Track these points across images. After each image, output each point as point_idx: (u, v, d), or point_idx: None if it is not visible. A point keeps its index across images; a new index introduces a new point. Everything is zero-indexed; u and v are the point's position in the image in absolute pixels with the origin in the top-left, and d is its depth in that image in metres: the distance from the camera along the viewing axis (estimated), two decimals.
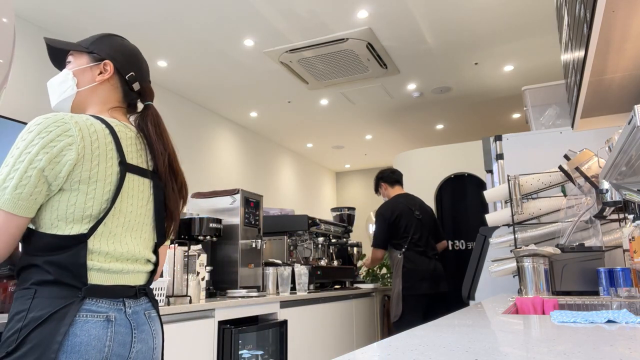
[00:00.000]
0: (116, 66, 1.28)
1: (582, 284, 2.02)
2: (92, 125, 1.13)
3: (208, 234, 2.78)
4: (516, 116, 6.09)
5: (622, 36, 1.30)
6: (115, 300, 1.13)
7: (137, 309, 1.19)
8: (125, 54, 1.31)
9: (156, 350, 1.23)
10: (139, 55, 1.36)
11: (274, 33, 3.97)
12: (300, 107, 5.70)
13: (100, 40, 1.31)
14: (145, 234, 1.25)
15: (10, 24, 1.61)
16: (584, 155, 2.17)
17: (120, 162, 1.16)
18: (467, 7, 3.67)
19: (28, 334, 1.01)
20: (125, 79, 1.29)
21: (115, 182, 1.14)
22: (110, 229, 1.14)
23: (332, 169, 8.90)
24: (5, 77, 1.54)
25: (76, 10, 3.60)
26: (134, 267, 1.20)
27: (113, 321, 1.11)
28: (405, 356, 0.75)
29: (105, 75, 1.27)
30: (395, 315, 3.53)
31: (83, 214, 1.09)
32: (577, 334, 0.94)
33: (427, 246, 3.69)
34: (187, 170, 1.39)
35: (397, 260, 3.61)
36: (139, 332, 1.17)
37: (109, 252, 1.13)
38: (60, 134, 1.07)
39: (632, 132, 1.13)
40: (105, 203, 1.13)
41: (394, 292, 3.61)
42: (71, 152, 1.07)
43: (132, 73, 1.30)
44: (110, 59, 1.28)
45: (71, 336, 1.03)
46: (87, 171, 1.09)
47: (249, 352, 2.62)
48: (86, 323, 1.06)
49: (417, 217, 3.71)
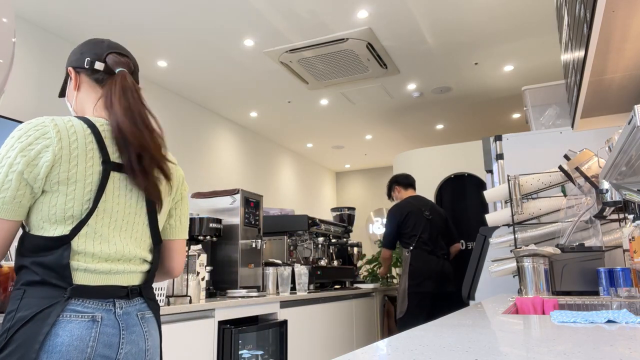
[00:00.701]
0: (74, 66, 1.29)
1: (582, 284, 2.02)
2: (72, 127, 1.13)
3: (208, 234, 2.78)
4: (516, 116, 6.09)
5: (622, 36, 1.30)
6: (104, 300, 1.12)
7: (129, 310, 1.17)
8: (77, 51, 1.31)
9: (149, 352, 1.20)
10: (92, 40, 1.33)
11: (274, 33, 3.97)
12: (300, 107, 5.70)
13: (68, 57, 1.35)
14: (137, 233, 1.22)
15: (10, 24, 1.61)
16: (584, 155, 2.17)
17: (104, 161, 1.15)
18: (467, 7, 3.67)
19: (14, 333, 1.02)
20: (87, 69, 1.28)
21: (97, 181, 1.13)
22: (95, 230, 1.13)
23: (332, 169, 8.90)
24: (5, 77, 1.54)
25: (76, 11, 3.60)
26: (125, 267, 1.17)
27: (99, 322, 1.09)
28: (405, 356, 0.75)
29: (74, 80, 1.29)
30: (401, 312, 3.63)
31: (65, 215, 1.10)
32: (577, 334, 0.94)
33: (436, 246, 3.73)
34: (187, 170, 1.37)
35: (405, 258, 3.71)
36: (129, 333, 1.15)
37: (95, 253, 1.13)
38: (39, 137, 1.09)
39: (632, 132, 1.13)
40: (87, 203, 1.12)
41: (400, 289, 3.70)
42: (47, 154, 1.08)
43: (87, 58, 1.27)
44: (69, 65, 1.31)
45: (53, 336, 1.03)
46: (65, 172, 1.10)
47: (249, 352, 2.62)
48: (69, 323, 1.06)
49: (426, 217, 3.78)
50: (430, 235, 3.72)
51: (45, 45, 3.85)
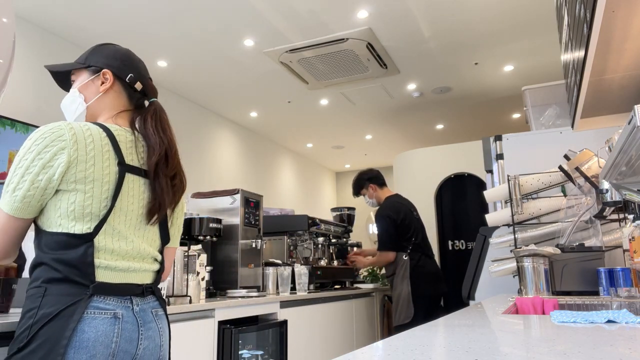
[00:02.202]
0: (114, 72, 1.33)
1: (582, 284, 2.02)
2: (89, 130, 1.18)
3: (208, 234, 2.78)
4: (516, 116, 6.09)
5: (622, 36, 1.30)
6: (122, 297, 1.17)
7: (144, 307, 1.22)
8: (119, 58, 1.36)
9: (163, 347, 1.26)
10: (133, 56, 1.40)
11: (274, 33, 3.97)
12: (300, 107, 5.70)
13: (94, 52, 1.37)
14: (149, 233, 1.28)
15: (11, 24, 1.61)
16: (584, 155, 2.17)
17: (119, 162, 1.20)
18: (467, 7, 3.67)
19: (38, 330, 1.05)
20: (126, 82, 1.34)
21: (114, 181, 1.18)
22: (114, 227, 1.18)
23: (332, 169, 8.90)
24: (5, 77, 1.54)
25: (76, 11, 3.60)
26: (140, 265, 1.23)
27: (120, 318, 1.14)
28: (405, 356, 0.75)
29: (107, 83, 1.32)
30: (407, 317, 3.39)
31: (83, 212, 1.14)
32: (577, 334, 0.94)
33: (428, 247, 3.69)
34: (187, 170, 1.40)
35: (403, 263, 3.50)
36: (146, 329, 1.20)
37: (115, 250, 1.17)
38: (54, 139, 1.13)
39: (632, 132, 1.13)
40: (105, 201, 1.16)
41: (400, 295, 3.47)
42: (63, 156, 1.12)
43: (130, 74, 1.35)
44: (107, 67, 1.33)
45: (79, 332, 1.07)
46: (82, 172, 1.14)
47: (249, 352, 2.62)
48: (94, 320, 1.10)
49: (416, 217, 3.70)
50: (423, 236, 3.65)
51: (45, 46, 3.85)
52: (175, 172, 1.33)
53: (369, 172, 3.90)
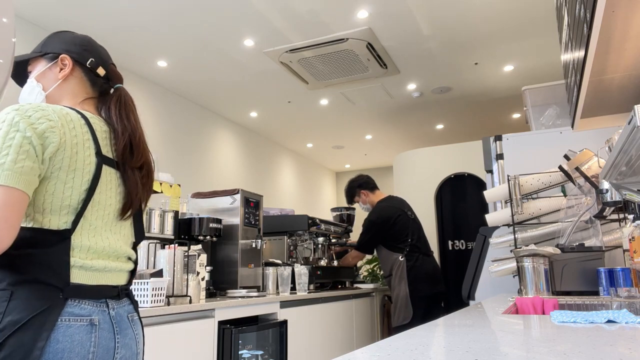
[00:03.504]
0: (73, 57, 1.24)
1: (582, 284, 2.02)
2: (68, 115, 1.09)
3: (208, 234, 2.78)
4: (516, 116, 6.09)
5: (622, 36, 1.30)
6: (97, 301, 1.07)
7: (120, 312, 1.13)
8: (78, 44, 1.27)
9: (139, 355, 1.18)
10: (93, 42, 1.32)
11: (274, 33, 3.97)
12: (300, 107, 5.70)
13: (50, 39, 1.28)
14: (124, 230, 1.20)
15: (10, 24, 1.61)
16: (584, 155, 2.17)
17: (97, 152, 1.12)
18: (467, 7, 3.67)
19: (5, 339, 0.93)
20: (87, 67, 1.25)
21: (93, 172, 1.09)
22: (90, 222, 1.09)
23: (332, 169, 8.90)
24: (5, 77, 1.54)
25: (76, 10, 3.60)
26: (115, 264, 1.14)
27: (97, 325, 1.05)
28: (405, 356, 0.75)
29: (66, 69, 1.23)
30: (405, 318, 3.42)
31: (61, 204, 1.04)
32: (577, 334, 0.94)
33: (426, 245, 3.69)
34: (187, 170, 1.38)
35: (399, 264, 3.53)
36: (122, 336, 1.11)
37: (91, 247, 1.07)
38: (41, 116, 1.02)
39: (632, 132, 1.13)
40: (84, 193, 1.07)
41: (398, 296, 3.50)
42: (54, 135, 1.02)
43: (91, 59, 1.26)
44: (66, 52, 1.24)
45: (53, 342, 0.96)
46: (67, 158, 1.04)
47: (249, 352, 2.62)
48: (69, 328, 0.99)
49: (410, 217, 3.71)
50: (419, 236, 3.65)
51: None
52: (142, 162, 1.23)
53: (358, 179, 3.95)
